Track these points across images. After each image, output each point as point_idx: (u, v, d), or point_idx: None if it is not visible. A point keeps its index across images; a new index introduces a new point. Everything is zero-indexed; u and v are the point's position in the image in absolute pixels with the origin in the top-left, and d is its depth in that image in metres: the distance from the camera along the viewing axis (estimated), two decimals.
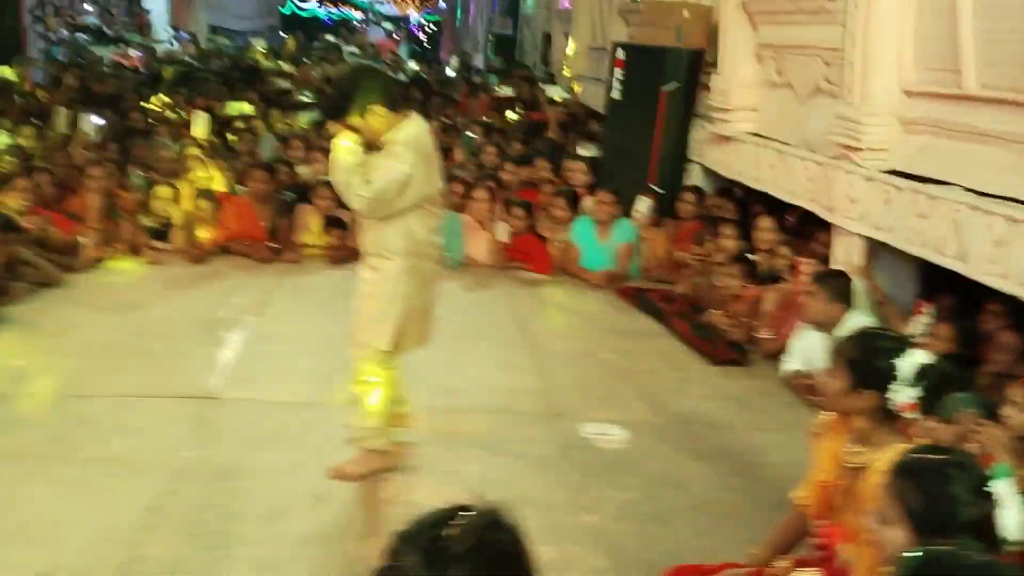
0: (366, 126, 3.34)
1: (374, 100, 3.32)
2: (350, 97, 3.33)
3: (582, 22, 11.67)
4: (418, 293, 3.51)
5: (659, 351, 5.38)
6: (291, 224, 6.90)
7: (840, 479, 2.65)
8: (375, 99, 3.32)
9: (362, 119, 3.33)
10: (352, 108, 3.32)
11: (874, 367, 2.57)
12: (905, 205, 4.48)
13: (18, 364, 4.54)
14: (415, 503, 3.42)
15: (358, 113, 3.32)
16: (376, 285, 3.49)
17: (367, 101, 3.31)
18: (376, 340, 3.50)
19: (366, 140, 3.37)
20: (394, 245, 3.43)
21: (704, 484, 3.75)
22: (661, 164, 7.44)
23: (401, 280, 3.45)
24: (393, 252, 3.44)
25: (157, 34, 17.68)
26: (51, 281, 5.74)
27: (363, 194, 3.30)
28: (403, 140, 3.34)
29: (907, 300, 5.01)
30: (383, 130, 3.36)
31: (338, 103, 3.39)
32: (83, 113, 7.95)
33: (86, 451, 3.67)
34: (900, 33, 4.74)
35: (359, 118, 3.33)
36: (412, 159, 3.32)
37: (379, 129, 3.35)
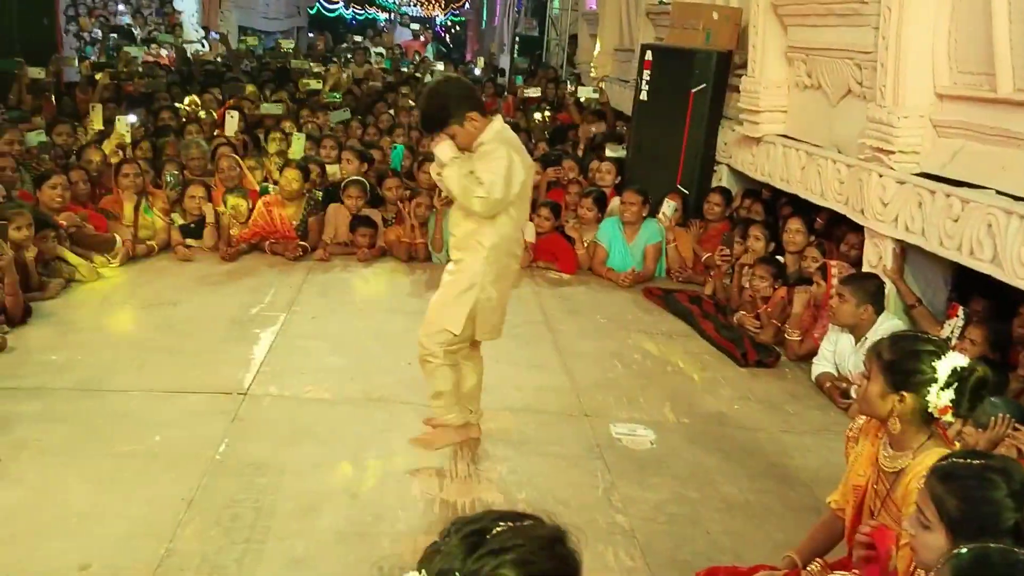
0: (465, 133, 3.51)
1: (469, 108, 3.51)
2: (448, 108, 3.51)
3: (609, 24, 11.67)
4: (497, 287, 3.64)
5: (687, 352, 5.38)
6: (321, 223, 6.96)
7: (877, 483, 2.64)
8: (469, 106, 3.51)
9: (461, 127, 3.50)
10: (451, 118, 3.49)
11: (910, 370, 2.55)
12: (938, 208, 4.45)
13: (53, 358, 4.60)
14: (446, 501, 3.46)
15: (457, 122, 3.49)
16: (458, 273, 3.63)
17: (464, 110, 3.50)
18: (448, 323, 3.63)
19: (460, 146, 3.54)
20: (486, 239, 3.55)
21: (734, 485, 3.75)
22: (688, 165, 7.44)
23: (483, 271, 3.58)
24: (482, 245, 3.55)
25: (188, 34, 17.82)
26: (86, 277, 5.82)
27: (481, 195, 3.43)
28: (491, 137, 3.52)
29: (939, 303, 4.98)
30: (478, 135, 3.53)
31: (437, 115, 3.55)
32: (118, 113, 8.03)
33: (121, 445, 3.72)
34: (934, 36, 4.70)
35: (459, 126, 3.50)
36: (506, 151, 3.47)
37: (475, 135, 3.52)
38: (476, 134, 3.51)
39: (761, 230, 6.14)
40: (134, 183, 6.63)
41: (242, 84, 10.67)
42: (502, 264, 3.62)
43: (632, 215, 6.84)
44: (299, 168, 6.97)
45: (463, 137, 3.51)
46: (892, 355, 2.61)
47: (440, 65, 14.10)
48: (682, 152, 7.41)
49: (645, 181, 7.30)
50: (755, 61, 6.59)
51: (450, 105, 3.49)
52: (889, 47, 4.88)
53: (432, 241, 6.88)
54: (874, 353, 2.66)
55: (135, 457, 3.64)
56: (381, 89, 11.71)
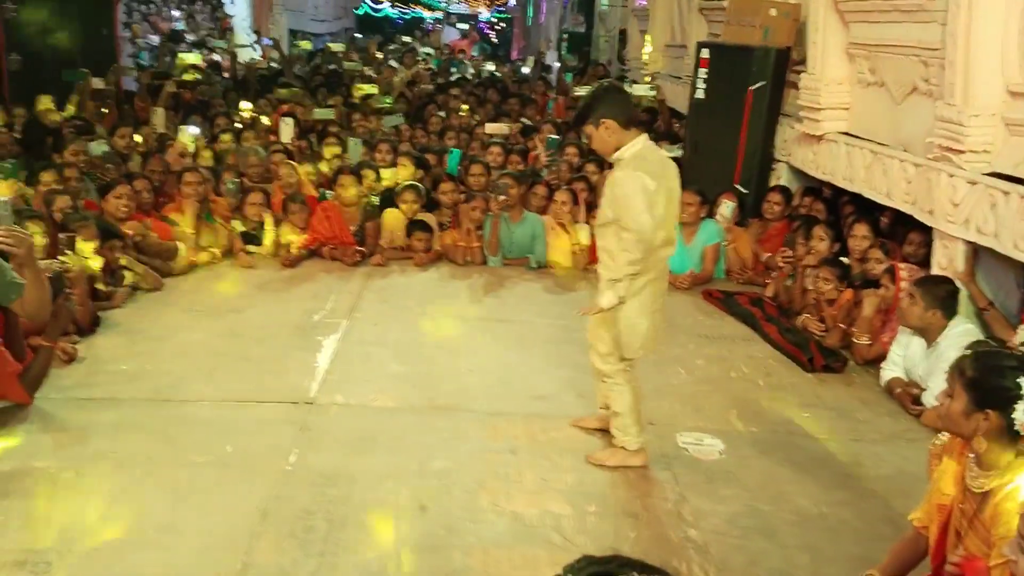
0: (597, 137, 3.63)
1: (610, 115, 3.58)
2: (592, 108, 3.64)
3: (660, 19, 11.57)
4: (658, 305, 3.78)
5: (750, 357, 5.31)
6: (378, 228, 7.00)
7: (963, 503, 2.58)
8: (611, 114, 3.59)
9: (596, 130, 3.62)
10: (589, 118, 3.63)
11: (995, 386, 2.50)
12: (1012, 210, 4.34)
13: (123, 368, 4.69)
14: (516, 513, 3.45)
15: (593, 123, 3.62)
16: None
17: (603, 115, 3.59)
18: (625, 351, 3.76)
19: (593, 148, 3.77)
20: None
21: (807, 497, 3.69)
22: (747, 164, 7.36)
23: (643, 294, 3.67)
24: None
25: (239, 39, 18.05)
26: (151, 286, 5.93)
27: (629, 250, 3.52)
28: (629, 157, 3.59)
29: (1012, 305, 4.85)
30: (612, 144, 3.61)
31: (582, 112, 3.71)
32: (181, 124, 8.18)
33: (195, 455, 3.77)
34: (1004, 32, 4.59)
35: (593, 128, 3.62)
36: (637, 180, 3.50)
37: (609, 142, 3.61)
38: (610, 142, 3.60)
39: (825, 230, 6.03)
40: (196, 191, 6.72)
41: (297, 89, 10.78)
42: (657, 283, 3.72)
43: (690, 216, 6.76)
44: (353, 174, 7.02)
45: (596, 141, 3.66)
46: (975, 372, 2.55)
47: (491, 65, 14.09)
48: (740, 150, 7.32)
49: (702, 180, 7.20)
50: (815, 58, 6.49)
51: (595, 106, 3.61)
52: (958, 44, 4.76)
53: (488, 244, 6.88)
54: (956, 370, 2.60)
55: (209, 467, 3.70)
56: (432, 91, 11.74)
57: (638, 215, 3.47)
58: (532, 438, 4.11)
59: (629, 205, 3.49)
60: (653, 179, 3.53)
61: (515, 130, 9.43)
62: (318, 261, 6.80)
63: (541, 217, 7.10)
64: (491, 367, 4.92)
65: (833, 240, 5.99)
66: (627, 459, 3.83)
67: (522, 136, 9.44)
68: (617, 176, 3.58)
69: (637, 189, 3.48)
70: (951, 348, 4.49)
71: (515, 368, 4.92)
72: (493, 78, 13.53)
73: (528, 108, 11.18)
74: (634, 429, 3.81)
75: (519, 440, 4.06)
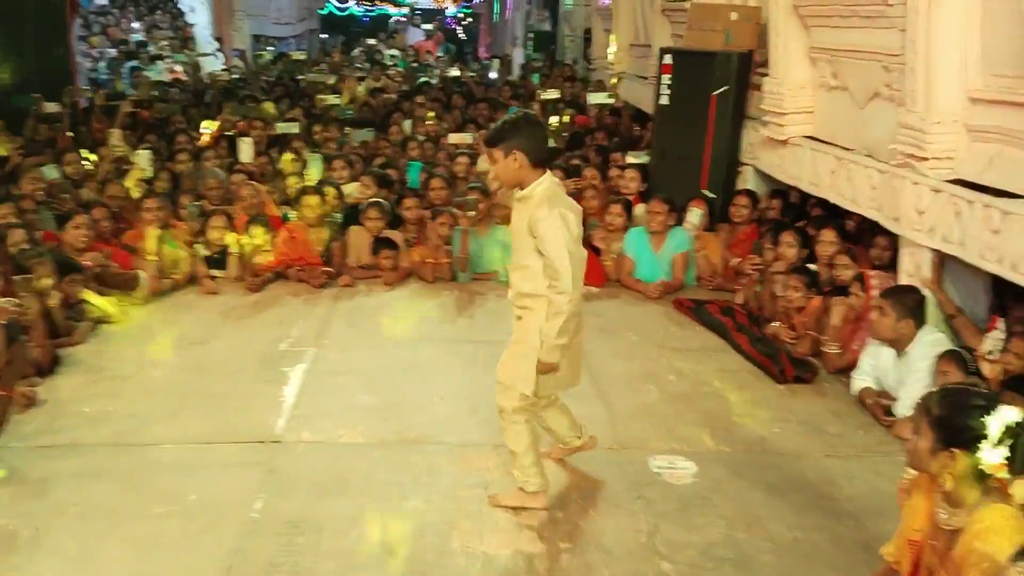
0: (502, 166, 3.49)
1: (521, 147, 3.45)
2: (505, 134, 3.48)
3: (623, 19, 11.52)
4: (575, 340, 3.62)
5: (722, 369, 5.28)
6: (343, 247, 6.91)
7: (934, 539, 2.55)
8: (522, 147, 3.45)
9: (504, 157, 3.48)
10: (501, 144, 3.48)
11: (961, 426, 2.48)
12: (977, 219, 4.33)
13: (85, 410, 4.58)
14: (487, 555, 3.40)
15: (503, 151, 3.48)
16: (521, 332, 3.59)
17: (516, 146, 3.46)
18: (521, 385, 3.59)
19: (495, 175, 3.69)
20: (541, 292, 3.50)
21: (782, 521, 3.66)
22: (713, 168, 7.34)
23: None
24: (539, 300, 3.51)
25: (201, 47, 17.83)
26: (113, 318, 5.80)
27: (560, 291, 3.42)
28: (540, 196, 3.46)
29: (981, 311, 4.86)
30: (515, 178, 3.49)
31: (496, 133, 3.54)
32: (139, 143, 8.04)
33: (159, 506, 3.68)
34: (964, 38, 4.56)
35: (501, 155, 3.48)
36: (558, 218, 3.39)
37: (511, 175, 3.49)
38: (513, 176, 3.49)
39: (793, 236, 6.02)
40: (157, 217, 6.60)
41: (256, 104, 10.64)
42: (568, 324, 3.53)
43: (659, 224, 6.74)
44: (315, 193, 6.93)
45: (500, 169, 3.52)
46: (941, 410, 2.53)
47: (455, 70, 13.98)
48: (706, 155, 7.30)
49: (669, 187, 7.19)
50: (777, 62, 6.46)
51: (512, 134, 3.46)
52: (918, 50, 4.75)
53: (457, 260, 6.81)
54: (923, 408, 2.58)
55: (173, 518, 3.61)
56: (396, 100, 11.62)
57: (562, 256, 3.37)
58: (504, 470, 4.03)
59: (555, 244, 3.37)
60: (564, 218, 3.40)
61: (478, 141, 9.33)
62: (284, 284, 6.70)
63: (509, 229, 7.03)
64: (461, 393, 4.85)
65: (801, 246, 5.98)
66: (525, 501, 3.69)
67: None
68: (535, 216, 3.41)
69: (558, 226, 3.37)
70: (921, 358, 4.51)
71: (485, 394, 4.81)
72: (458, 82, 13.40)
73: (497, 113, 11.08)
74: (533, 470, 3.67)
75: (491, 473, 4.00)
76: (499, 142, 3.48)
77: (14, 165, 7.61)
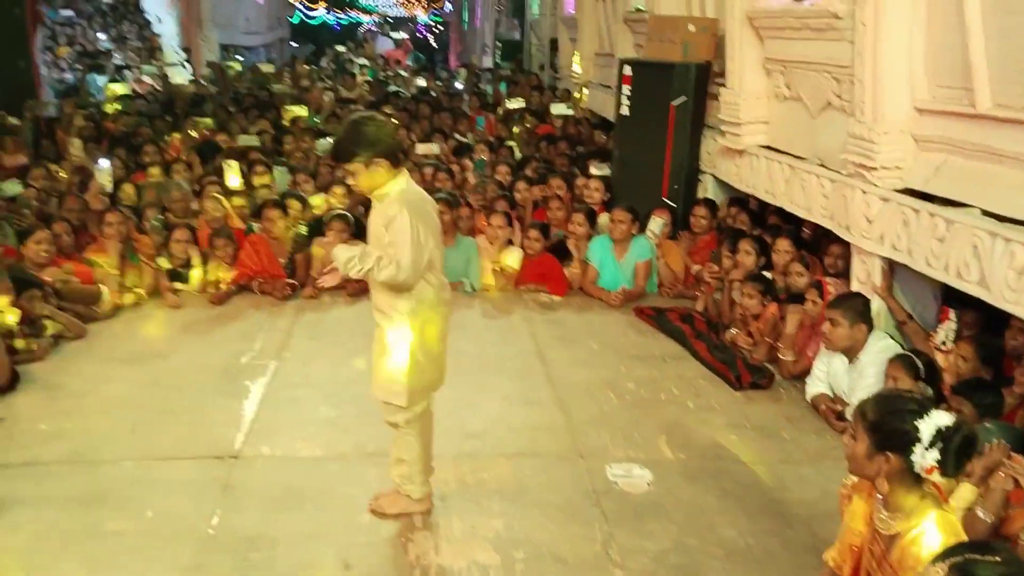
0: (367, 176, 3.41)
1: (379, 153, 3.38)
2: (359, 146, 3.37)
3: (588, 29, 11.63)
4: (424, 350, 3.56)
5: (680, 377, 5.35)
6: (308, 259, 6.91)
7: (873, 544, 2.62)
8: (381, 152, 3.38)
9: (365, 169, 3.39)
10: (358, 156, 3.38)
11: (895, 429, 2.54)
12: (923, 227, 4.42)
13: (42, 428, 4.55)
14: (442, 567, 3.43)
15: (362, 162, 3.38)
16: (381, 343, 3.57)
17: (374, 154, 3.37)
18: (394, 399, 3.59)
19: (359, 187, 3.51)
20: (403, 306, 3.48)
21: (734, 527, 3.72)
22: (673, 178, 7.43)
23: (410, 338, 3.51)
24: (400, 313, 3.49)
25: (169, 57, 17.73)
26: (74, 334, 5.78)
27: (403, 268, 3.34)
28: (395, 197, 3.41)
29: (930, 316, 4.95)
30: (382, 183, 3.42)
31: (348, 148, 3.42)
32: (98, 159, 7.99)
33: (115, 523, 3.68)
34: (910, 51, 4.67)
35: (363, 167, 3.39)
36: (408, 217, 3.35)
37: (378, 182, 3.42)
38: (379, 181, 3.41)
39: (751, 244, 6.10)
40: (119, 231, 6.57)
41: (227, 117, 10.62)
42: (426, 326, 3.53)
43: (621, 233, 6.81)
44: (278, 205, 6.93)
45: (364, 180, 3.42)
46: (876, 415, 2.58)
47: (422, 81, 14.01)
48: (666, 165, 7.39)
49: (631, 196, 7.27)
50: (734, 73, 6.56)
51: (362, 144, 3.37)
52: (866, 62, 4.85)
53: None
54: (859, 413, 2.64)
55: (129, 536, 3.60)
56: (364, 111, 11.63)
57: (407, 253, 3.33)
58: (461, 481, 4.09)
59: (398, 241, 3.35)
60: (420, 219, 3.39)
61: (446, 149, 9.38)
62: (248, 296, 6.70)
63: (474, 239, 7.09)
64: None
65: (759, 253, 6.07)
66: (410, 506, 3.75)
67: (456, 155, 9.40)
68: (391, 212, 3.38)
69: (407, 227, 3.33)
70: (871, 363, 4.60)
71: (445, 403, 4.81)
72: (425, 92, 13.43)
73: (460, 123, 11.14)
74: (419, 478, 3.72)
75: (448, 485, 4.02)
76: (355, 156, 3.38)
77: None
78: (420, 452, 3.71)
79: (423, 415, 3.71)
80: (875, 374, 4.52)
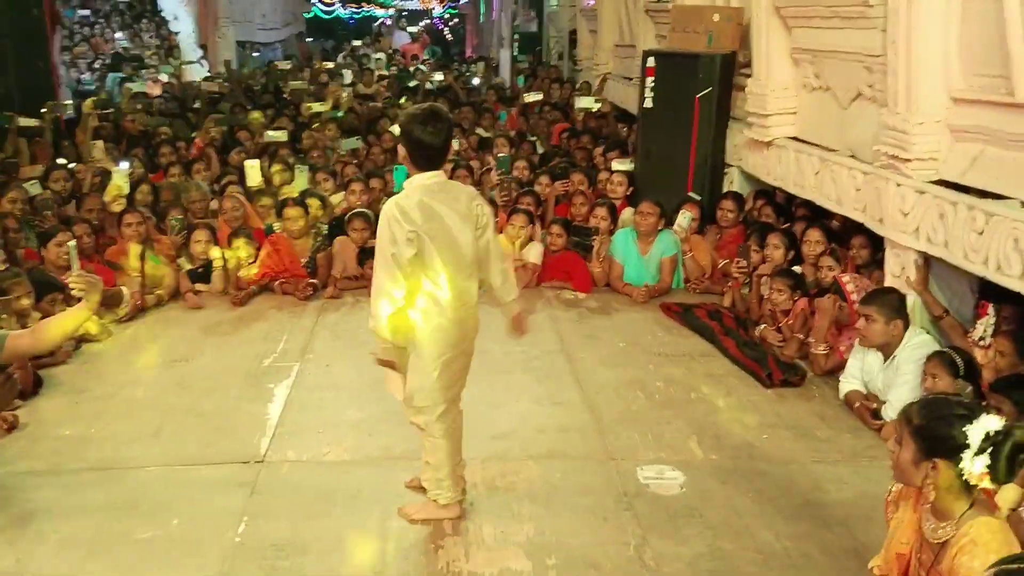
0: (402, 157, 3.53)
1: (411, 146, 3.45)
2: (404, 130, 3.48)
3: (608, 20, 11.50)
4: (453, 348, 3.53)
5: (709, 375, 5.25)
6: (329, 258, 6.87)
7: (921, 552, 2.53)
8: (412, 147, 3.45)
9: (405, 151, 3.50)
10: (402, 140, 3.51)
11: (942, 435, 2.45)
12: (961, 221, 4.30)
13: (66, 433, 4.53)
14: (474, 573, 3.36)
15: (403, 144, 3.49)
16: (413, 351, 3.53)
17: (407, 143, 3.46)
18: (423, 403, 3.56)
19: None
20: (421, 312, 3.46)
21: (770, 530, 3.63)
22: (698, 171, 7.32)
23: (435, 344, 3.49)
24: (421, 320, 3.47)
25: (186, 54, 17.74)
26: (96, 336, 5.75)
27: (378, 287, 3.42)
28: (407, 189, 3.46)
29: (967, 311, 4.83)
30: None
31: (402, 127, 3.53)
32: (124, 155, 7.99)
33: (141, 531, 3.63)
34: (944, 39, 4.54)
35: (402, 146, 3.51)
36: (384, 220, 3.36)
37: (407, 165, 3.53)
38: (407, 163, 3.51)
39: (780, 238, 6.01)
40: (138, 232, 6.54)
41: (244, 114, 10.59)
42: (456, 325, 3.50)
43: (648, 226, 6.72)
44: (298, 204, 6.88)
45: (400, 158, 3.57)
46: (922, 420, 2.50)
47: (439, 75, 13.91)
48: (691, 158, 7.28)
49: (655, 190, 7.17)
50: (760, 63, 6.44)
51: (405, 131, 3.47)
52: (899, 51, 4.72)
53: None
54: (904, 418, 2.55)
55: (156, 543, 3.56)
56: (383, 106, 11.56)
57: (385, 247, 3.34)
58: (490, 484, 4.02)
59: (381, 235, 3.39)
60: (407, 220, 3.33)
61: (464, 145, 9.29)
62: (269, 296, 6.65)
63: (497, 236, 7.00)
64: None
65: (788, 247, 5.96)
66: (437, 513, 3.67)
67: (478, 150, 9.30)
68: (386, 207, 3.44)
69: (387, 222, 3.35)
70: (908, 360, 4.49)
71: (472, 404, 4.73)
72: (443, 88, 13.33)
73: (483, 118, 11.04)
74: (447, 483, 3.63)
75: (477, 488, 3.96)
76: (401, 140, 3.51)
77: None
78: (446, 455, 3.63)
79: (447, 416, 3.63)
80: (912, 371, 4.41)
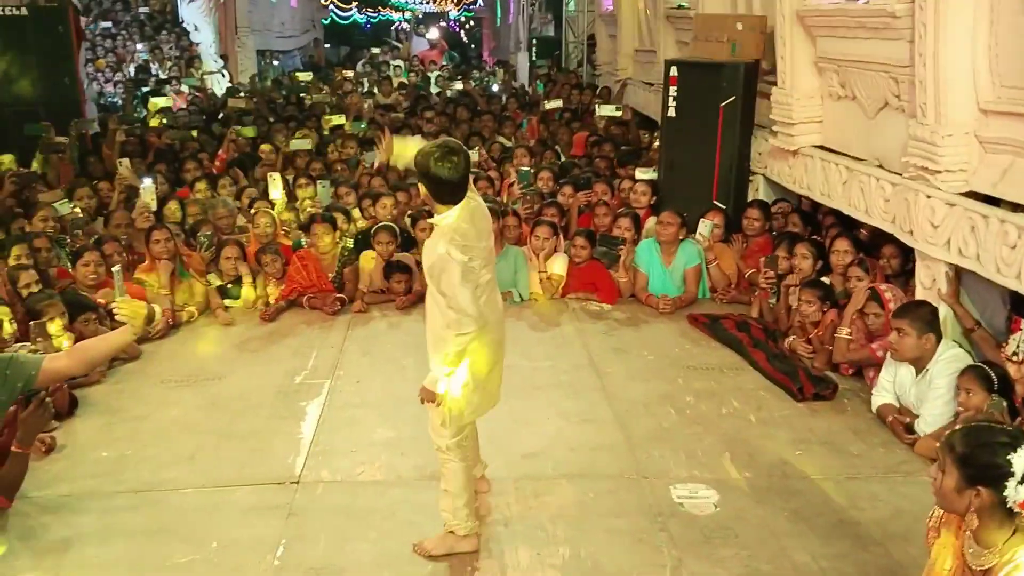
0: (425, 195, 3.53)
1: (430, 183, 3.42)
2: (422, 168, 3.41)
3: (627, 25, 11.50)
4: (477, 373, 3.54)
5: (739, 388, 5.24)
6: (356, 273, 6.90)
7: None
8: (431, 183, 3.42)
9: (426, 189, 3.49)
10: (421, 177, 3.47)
11: (986, 463, 2.44)
12: (992, 234, 4.28)
13: (103, 455, 4.58)
14: None
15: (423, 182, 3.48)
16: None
17: (427, 180, 3.43)
18: (447, 429, 3.59)
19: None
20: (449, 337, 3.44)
21: (806, 551, 3.63)
22: (723, 180, 7.30)
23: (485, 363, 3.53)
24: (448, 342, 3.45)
25: (207, 65, 17.87)
26: (128, 355, 5.80)
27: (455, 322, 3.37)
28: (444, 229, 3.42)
29: (999, 323, 4.79)
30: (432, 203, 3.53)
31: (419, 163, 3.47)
32: (143, 176, 8.07)
33: (180, 555, 3.67)
34: (973, 51, 4.51)
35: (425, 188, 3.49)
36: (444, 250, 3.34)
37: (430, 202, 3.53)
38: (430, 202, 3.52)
39: (808, 248, 5.99)
40: (166, 248, 6.57)
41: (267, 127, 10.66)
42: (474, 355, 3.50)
43: (669, 236, 6.71)
44: (325, 220, 6.92)
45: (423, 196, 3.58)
46: (965, 448, 2.49)
47: (459, 84, 13.94)
48: (716, 167, 7.26)
49: (680, 199, 7.16)
50: (785, 72, 6.42)
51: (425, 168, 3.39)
52: (927, 62, 4.70)
53: None
54: (947, 445, 2.54)
55: (195, 568, 3.60)
56: (403, 117, 11.60)
57: (457, 292, 3.32)
58: (524, 504, 4.03)
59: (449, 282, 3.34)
60: (465, 251, 3.34)
61: (484, 156, 9.28)
62: (298, 312, 6.69)
63: (520, 248, 7.02)
64: (478, 422, 4.82)
65: (816, 257, 5.94)
66: (456, 545, 3.62)
67: (500, 160, 9.29)
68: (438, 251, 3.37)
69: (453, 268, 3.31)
70: (941, 374, 4.47)
71: (502, 421, 4.81)
72: (463, 95, 13.35)
73: (504, 126, 11.04)
74: (464, 512, 3.61)
75: (511, 508, 3.98)
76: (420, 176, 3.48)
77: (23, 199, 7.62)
78: (464, 481, 3.63)
79: (467, 438, 3.67)
80: (946, 385, 4.39)
